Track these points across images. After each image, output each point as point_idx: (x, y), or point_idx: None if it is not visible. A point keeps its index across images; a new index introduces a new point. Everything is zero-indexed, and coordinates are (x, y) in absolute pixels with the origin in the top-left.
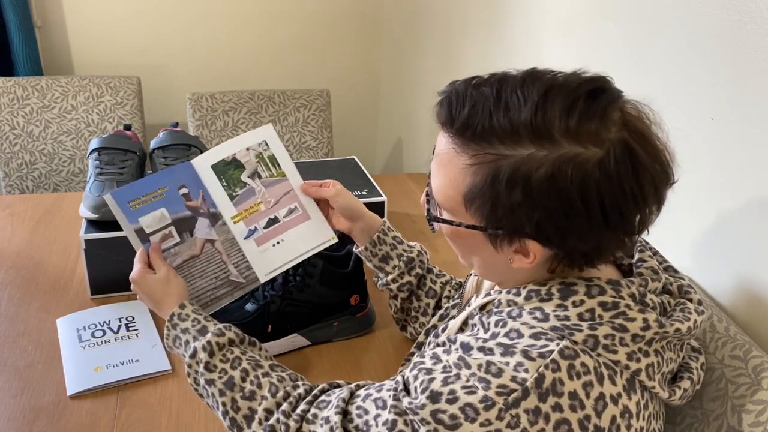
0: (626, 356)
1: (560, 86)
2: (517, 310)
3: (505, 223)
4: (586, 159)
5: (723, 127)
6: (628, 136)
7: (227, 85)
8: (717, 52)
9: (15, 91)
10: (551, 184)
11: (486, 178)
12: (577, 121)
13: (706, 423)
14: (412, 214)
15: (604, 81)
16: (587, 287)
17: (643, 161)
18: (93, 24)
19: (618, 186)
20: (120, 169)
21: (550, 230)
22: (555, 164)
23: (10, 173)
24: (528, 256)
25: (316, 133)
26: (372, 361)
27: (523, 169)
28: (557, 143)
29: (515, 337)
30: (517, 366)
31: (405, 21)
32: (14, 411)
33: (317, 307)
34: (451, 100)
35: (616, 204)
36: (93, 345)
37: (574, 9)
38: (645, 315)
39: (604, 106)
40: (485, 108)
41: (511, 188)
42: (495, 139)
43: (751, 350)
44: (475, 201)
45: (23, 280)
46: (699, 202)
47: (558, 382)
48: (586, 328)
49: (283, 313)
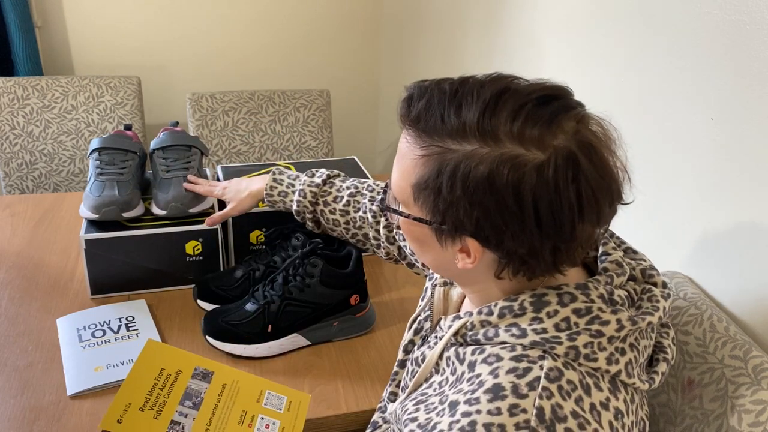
0: (605, 361)
1: (514, 91)
2: (492, 330)
3: (447, 219)
4: (525, 161)
5: (723, 127)
6: (575, 147)
7: (227, 85)
8: (717, 52)
9: (15, 91)
10: (488, 182)
11: (432, 171)
12: (521, 125)
13: (706, 423)
14: None
15: (559, 89)
16: (558, 296)
17: (585, 172)
18: (93, 24)
19: (554, 192)
20: (120, 169)
21: (488, 229)
22: (494, 162)
23: (10, 173)
24: (470, 255)
25: (316, 133)
26: (372, 360)
27: (464, 165)
28: (501, 143)
29: (494, 362)
30: (512, 409)
31: (405, 21)
32: (14, 411)
33: (317, 307)
34: (412, 95)
35: (550, 210)
36: (93, 345)
37: (574, 9)
38: (618, 315)
39: (553, 113)
40: (440, 103)
41: (452, 183)
42: (444, 134)
43: (751, 350)
44: (421, 194)
45: (23, 280)
46: (699, 202)
47: (557, 407)
48: (565, 339)
49: (283, 313)
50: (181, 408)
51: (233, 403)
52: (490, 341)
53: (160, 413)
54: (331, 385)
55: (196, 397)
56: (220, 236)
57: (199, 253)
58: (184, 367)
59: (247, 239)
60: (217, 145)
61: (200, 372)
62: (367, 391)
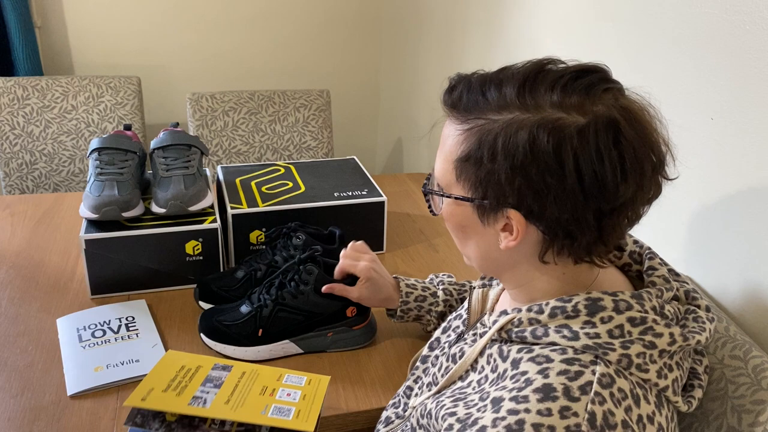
0: (656, 374)
1: (551, 69)
2: (541, 329)
3: (489, 191)
4: (567, 124)
5: (723, 127)
6: (616, 113)
7: (227, 85)
8: (717, 53)
9: (15, 91)
10: (529, 146)
11: (473, 143)
12: (561, 93)
13: (706, 423)
14: (412, 214)
15: (597, 65)
16: (614, 302)
17: (626, 136)
18: (93, 24)
19: (596, 153)
20: (120, 169)
21: (530, 197)
22: (534, 126)
23: (10, 173)
24: (513, 232)
25: (316, 133)
26: (373, 361)
27: (504, 132)
28: (541, 109)
29: (543, 362)
30: (563, 411)
31: (405, 21)
32: (14, 411)
33: (310, 315)
34: (454, 84)
35: (592, 169)
36: (93, 345)
37: (573, 9)
38: (671, 329)
39: (592, 83)
40: (481, 83)
41: (492, 151)
42: (485, 108)
43: (751, 350)
44: (464, 170)
45: (23, 280)
46: (699, 202)
47: (609, 414)
48: (618, 347)
49: (275, 318)
50: (202, 388)
51: (254, 382)
52: (538, 340)
53: (182, 392)
54: (331, 386)
55: (216, 380)
56: (220, 236)
57: (199, 253)
58: (203, 364)
59: (247, 239)
60: (217, 145)
61: (220, 366)
62: (367, 391)
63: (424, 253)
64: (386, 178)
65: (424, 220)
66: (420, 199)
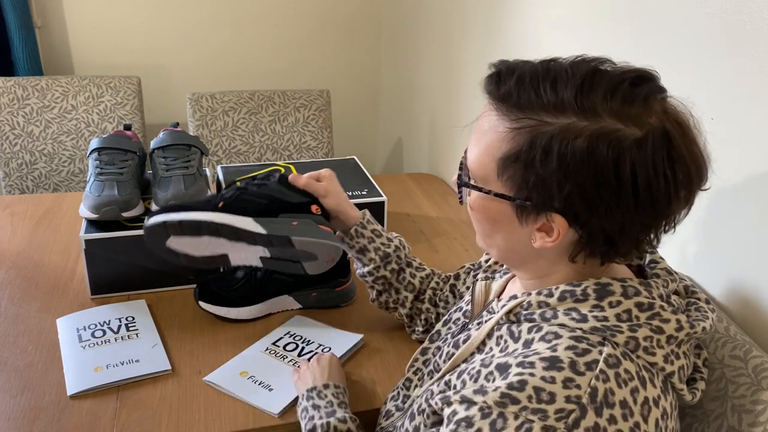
0: (663, 358)
1: (606, 72)
2: (550, 311)
3: (534, 194)
4: (625, 136)
5: (723, 127)
6: (669, 126)
7: (227, 85)
8: (717, 52)
9: (15, 91)
10: (587, 155)
11: (524, 144)
12: (620, 103)
13: (706, 423)
14: (412, 214)
15: (650, 72)
16: (623, 288)
17: (680, 151)
18: (93, 24)
19: (652, 166)
20: (120, 169)
21: (578, 205)
22: (593, 136)
23: (10, 173)
24: (551, 234)
25: (316, 133)
26: (373, 362)
27: (561, 137)
28: (600, 118)
29: (552, 339)
30: (566, 382)
31: (405, 21)
32: (14, 411)
33: (274, 200)
34: (501, 71)
35: (648, 182)
36: (93, 345)
37: (574, 9)
38: (677, 316)
39: (647, 93)
40: (533, 78)
41: (546, 155)
42: (539, 108)
43: (751, 350)
44: (508, 168)
45: (23, 280)
46: (699, 202)
47: (609, 393)
48: (626, 330)
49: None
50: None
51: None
52: (547, 322)
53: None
54: None
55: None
56: None
57: None
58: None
59: None
60: (217, 145)
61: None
62: (366, 391)
63: (424, 253)
64: (386, 178)
65: (424, 220)
66: (420, 199)
